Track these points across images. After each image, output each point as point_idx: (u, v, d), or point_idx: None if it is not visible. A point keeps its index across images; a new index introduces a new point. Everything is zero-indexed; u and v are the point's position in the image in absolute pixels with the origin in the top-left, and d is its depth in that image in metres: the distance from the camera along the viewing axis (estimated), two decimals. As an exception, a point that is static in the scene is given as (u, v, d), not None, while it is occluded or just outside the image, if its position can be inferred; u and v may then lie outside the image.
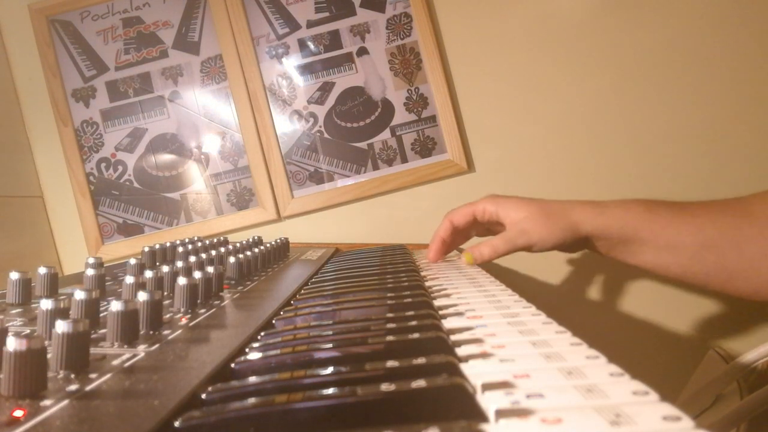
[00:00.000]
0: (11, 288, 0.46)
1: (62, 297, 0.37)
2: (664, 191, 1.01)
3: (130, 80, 1.07)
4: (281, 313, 0.45)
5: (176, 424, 0.24)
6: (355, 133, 1.05)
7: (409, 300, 0.44)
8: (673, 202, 0.65)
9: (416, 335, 0.33)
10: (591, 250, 0.69)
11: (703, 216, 0.61)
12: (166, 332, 0.38)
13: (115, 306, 0.34)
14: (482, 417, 0.23)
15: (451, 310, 0.42)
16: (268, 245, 0.73)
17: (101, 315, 0.39)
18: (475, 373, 0.28)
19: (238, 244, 0.74)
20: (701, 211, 0.62)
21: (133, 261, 0.59)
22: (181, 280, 0.44)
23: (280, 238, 0.82)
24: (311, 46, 1.06)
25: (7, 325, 0.40)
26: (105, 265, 0.56)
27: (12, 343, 0.26)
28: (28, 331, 0.39)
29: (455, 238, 0.74)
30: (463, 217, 0.72)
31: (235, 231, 1.06)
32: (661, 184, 1.01)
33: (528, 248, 0.66)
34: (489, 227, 0.75)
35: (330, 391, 0.25)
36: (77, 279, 0.57)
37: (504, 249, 0.65)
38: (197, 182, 1.07)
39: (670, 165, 1.01)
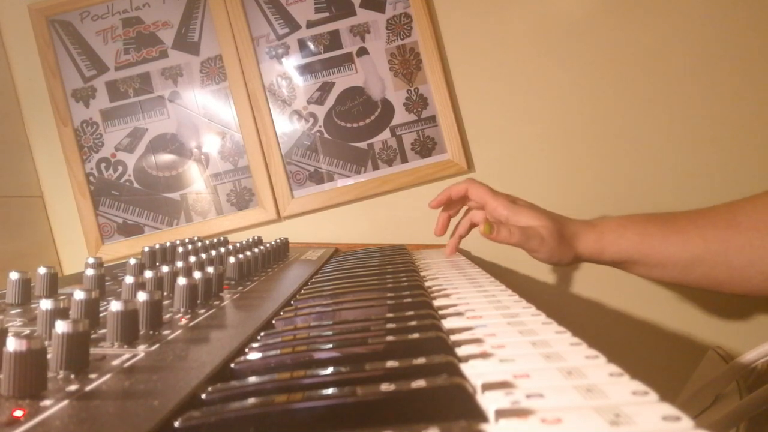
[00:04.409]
0: (11, 288, 0.46)
1: (62, 297, 0.37)
2: (662, 190, 1.01)
3: (130, 80, 1.07)
4: (281, 313, 0.45)
5: (176, 424, 0.24)
6: (354, 133, 1.05)
7: (409, 300, 0.44)
8: (664, 216, 0.68)
9: (416, 335, 0.33)
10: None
11: (692, 231, 0.64)
12: (165, 332, 0.38)
13: (115, 306, 0.34)
14: (482, 417, 0.23)
15: (450, 310, 0.42)
16: (267, 245, 0.73)
17: (101, 315, 0.39)
18: (475, 373, 0.28)
19: (238, 245, 0.74)
20: (690, 226, 0.65)
21: (132, 261, 0.59)
22: (181, 281, 0.44)
23: (279, 238, 0.82)
24: (311, 46, 1.06)
25: (7, 325, 0.40)
26: (105, 265, 0.56)
27: (12, 344, 0.26)
28: (28, 331, 0.39)
29: (457, 203, 0.78)
30: (479, 198, 0.74)
31: (235, 231, 1.06)
32: (660, 183, 1.01)
33: (532, 251, 0.68)
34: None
35: (330, 391, 0.25)
36: (77, 279, 0.57)
37: (517, 241, 0.66)
38: (197, 182, 1.07)
39: (669, 164, 1.01)
